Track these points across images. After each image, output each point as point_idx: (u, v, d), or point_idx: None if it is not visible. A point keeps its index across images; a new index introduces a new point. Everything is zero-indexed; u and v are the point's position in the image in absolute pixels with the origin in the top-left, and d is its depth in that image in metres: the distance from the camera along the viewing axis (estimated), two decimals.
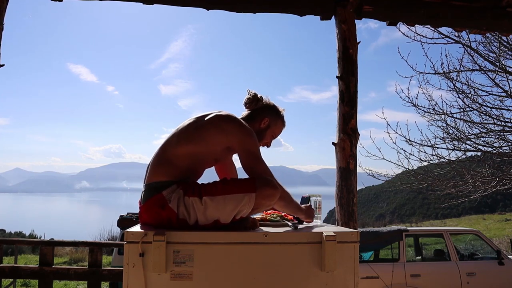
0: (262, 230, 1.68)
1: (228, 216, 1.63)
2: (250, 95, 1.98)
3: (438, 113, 7.03)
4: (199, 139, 1.75)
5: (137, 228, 1.63)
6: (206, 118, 1.79)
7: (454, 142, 7.15)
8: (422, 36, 6.43)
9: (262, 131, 1.96)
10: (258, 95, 1.98)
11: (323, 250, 1.55)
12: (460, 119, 7.01)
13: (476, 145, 7.08)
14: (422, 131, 7.02)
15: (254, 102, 1.97)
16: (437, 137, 7.23)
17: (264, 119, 1.96)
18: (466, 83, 6.82)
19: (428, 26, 5.89)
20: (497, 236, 17.62)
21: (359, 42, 3.05)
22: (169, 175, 1.69)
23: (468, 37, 6.43)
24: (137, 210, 1.81)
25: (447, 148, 7.10)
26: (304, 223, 2.05)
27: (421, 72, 6.73)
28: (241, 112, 2.03)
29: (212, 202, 1.61)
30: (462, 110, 6.92)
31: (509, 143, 6.93)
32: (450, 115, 6.98)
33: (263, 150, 1.99)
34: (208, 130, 1.76)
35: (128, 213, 7.79)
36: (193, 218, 1.63)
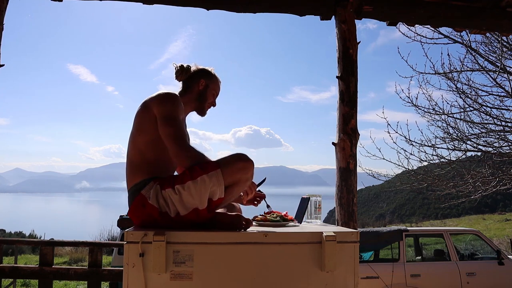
0: (256, 229, 1.68)
1: (203, 200, 1.64)
2: (176, 67, 2.01)
3: (438, 113, 7.03)
4: (140, 127, 1.79)
5: (136, 228, 1.64)
6: (138, 108, 1.84)
7: (454, 142, 7.15)
8: (422, 36, 6.45)
9: (203, 93, 2.01)
10: (185, 65, 2.01)
11: (323, 250, 1.55)
12: (460, 119, 7.01)
13: (476, 145, 7.08)
14: (422, 131, 7.02)
15: (183, 72, 2.00)
16: (437, 137, 7.24)
17: (199, 81, 2.00)
18: (467, 83, 6.83)
19: (428, 26, 5.89)
20: (497, 236, 17.60)
21: (359, 42, 3.05)
22: (143, 174, 1.73)
23: (469, 37, 6.43)
24: None
25: (447, 148, 7.10)
26: (304, 223, 2.05)
27: (421, 72, 6.74)
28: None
29: (183, 189, 1.63)
30: (462, 110, 6.93)
31: (509, 143, 6.93)
32: (451, 115, 6.99)
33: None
34: (140, 115, 1.81)
35: (128, 213, 7.77)
36: (173, 210, 1.64)
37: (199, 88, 2.00)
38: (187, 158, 1.70)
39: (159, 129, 1.75)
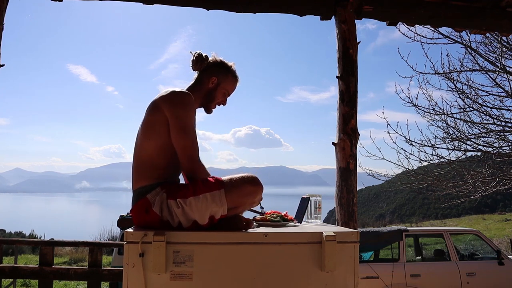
0: (257, 229, 1.68)
1: (203, 217, 1.61)
2: (194, 56, 1.89)
3: (438, 113, 7.04)
4: (150, 132, 1.71)
5: (136, 228, 1.63)
6: (148, 106, 1.75)
7: (454, 142, 7.16)
8: (422, 36, 6.45)
9: (212, 91, 1.89)
10: (203, 54, 1.89)
11: (323, 250, 1.55)
12: (460, 119, 7.02)
13: (476, 145, 7.08)
14: (422, 131, 7.03)
15: (199, 62, 1.88)
16: (437, 137, 7.25)
17: (211, 78, 1.88)
18: (467, 83, 6.83)
19: (428, 26, 5.89)
20: (497, 236, 17.60)
21: (359, 42, 3.05)
22: (150, 178, 1.69)
23: (469, 37, 6.44)
24: None
25: (447, 148, 7.11)
26: (304, 223, 2.05)
27: (421, 72, 6.74)
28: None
29: (185, 204, 1.60)
30: (462, 110, 6.94)
31: (509, 143, 6.93)
32: (450, 115, 6.99)
33: (219, 109, 1.89)
34: (150, 117, 1.72)
35: (128, 213, 7.78)
36: (176, 220, 1.63)
37: (210, 85, 1.88)
38: (195, 175, 1.68)
39: (171, 137, 1.68)
